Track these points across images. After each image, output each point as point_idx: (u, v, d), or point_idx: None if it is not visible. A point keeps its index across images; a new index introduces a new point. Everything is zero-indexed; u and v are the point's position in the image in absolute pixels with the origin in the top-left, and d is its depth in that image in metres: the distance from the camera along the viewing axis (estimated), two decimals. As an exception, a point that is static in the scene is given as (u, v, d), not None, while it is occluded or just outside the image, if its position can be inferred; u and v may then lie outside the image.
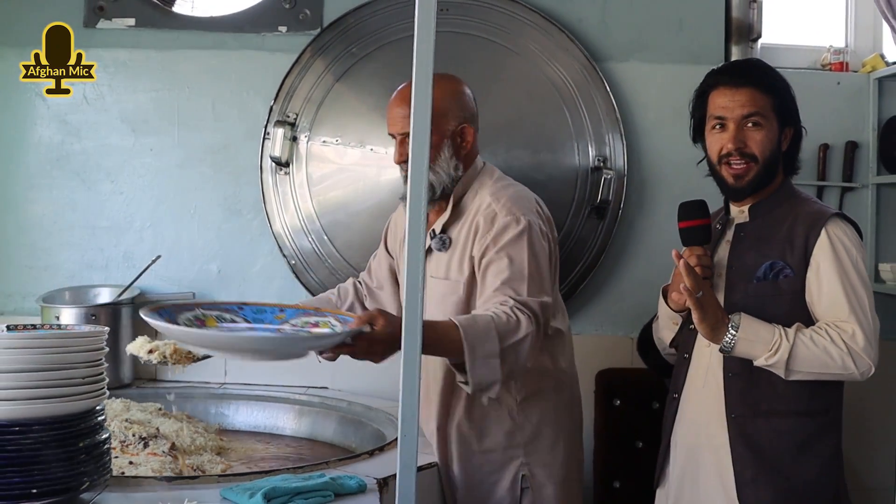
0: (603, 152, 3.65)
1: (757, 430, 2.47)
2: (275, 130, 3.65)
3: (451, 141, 2.67)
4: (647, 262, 3.71)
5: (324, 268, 3.70)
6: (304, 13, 3.73)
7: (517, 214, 2.60)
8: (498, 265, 2.55)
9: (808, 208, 2.54)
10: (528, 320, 2.45)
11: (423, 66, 1.61)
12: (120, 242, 3.78)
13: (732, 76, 2.58)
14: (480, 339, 2.37)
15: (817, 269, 2.44)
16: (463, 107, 2.70)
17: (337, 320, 2.36)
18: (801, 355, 2.36)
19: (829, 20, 3.99)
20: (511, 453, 2.69)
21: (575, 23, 3.71)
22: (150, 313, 2.21)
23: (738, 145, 2.51)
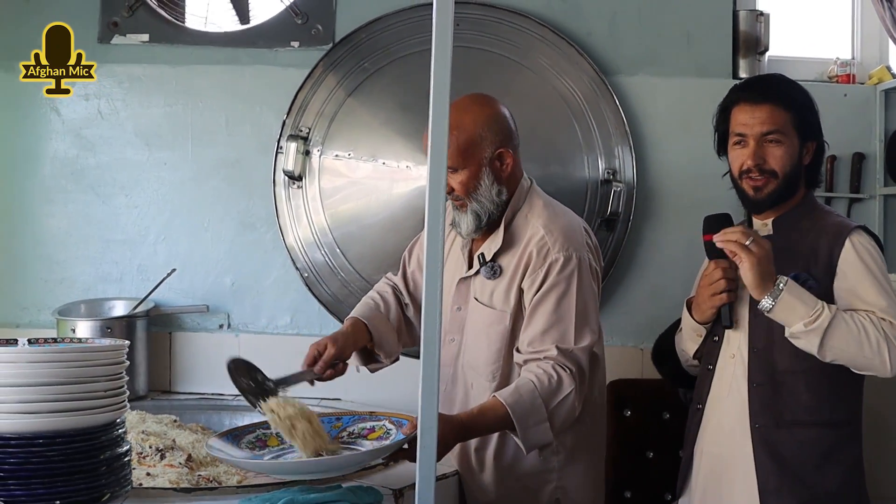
0: (612, 165, 3.68)
1: (780, 440, 2.49)
2: (287, 144, 3.69)
3: (490, 168, 2.62)
4: (656, 274, 3.74)
5: (336, 280, 3.73)
6: (317, 28, 3.77)
7: (570, 251, 2.60)
8: (546, 306, 2.57)
9: (831, 221, 2.57)
10: (570, 377, 2.50)
11: (441, 81, 1.64)
12: (134, 256, 3.82)
13: (753, 93, 2.60)
14: (527, 410, 2.43)
15: (845, 277, 2.46)
16: (498, 130, 2.64)
17: (391, 423, 2.41)
18: (840, 329, 2.34)
19: (835, 33, 4.02)
20: (546, 477, 2.71)
21: (584, 37, 3.75)
22: (215, 448, 2.30)
23: (757, 161, 2.54)
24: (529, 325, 2.59)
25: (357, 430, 2.46)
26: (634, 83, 3.77)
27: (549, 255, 2.59)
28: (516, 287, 2.63)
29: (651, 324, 3.63)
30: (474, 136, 2.59)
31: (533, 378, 2.48)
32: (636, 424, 3.63)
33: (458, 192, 2.63)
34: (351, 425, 2.48)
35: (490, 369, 2.66)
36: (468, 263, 2.75)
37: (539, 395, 2.45)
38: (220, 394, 3.69)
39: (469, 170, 2.60)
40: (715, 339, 2.64)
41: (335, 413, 2.61)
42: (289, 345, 3.77)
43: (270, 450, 2.38)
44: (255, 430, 2.45)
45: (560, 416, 2.49)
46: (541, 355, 2.53)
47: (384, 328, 2.82)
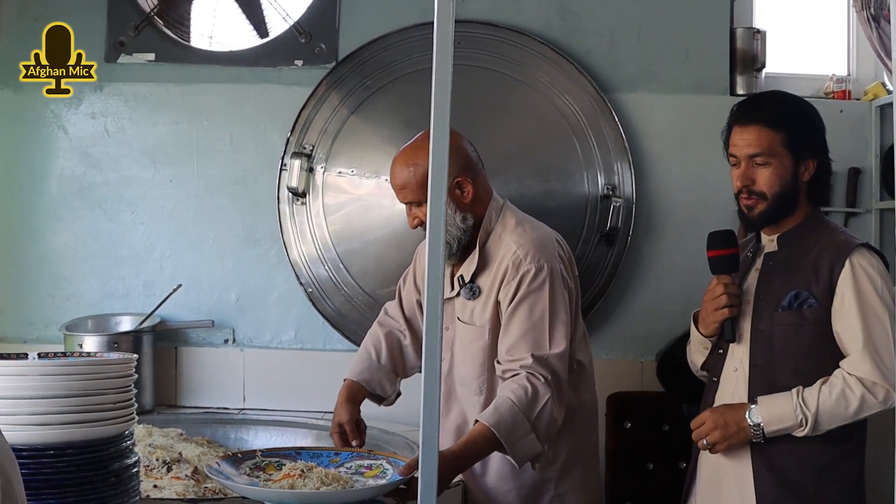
0: (612, 181, 3.73)
1: (779, 453, 2.52)
2: (291, 162, 3.74)
3: (451, 197, 2.69)
4: (656, 288, 3.78)
5: (340, 295, 3.78)
6: (320, 47, 3.83)
7: (542, 262, 2.68)
8: (519, 315, 2.66)
9: (835, 238, 2.58)
10: (545, 385, 2.57)
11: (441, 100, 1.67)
12: (140, 272, 3.86)
13: (742, 113, 2.63)
14: (511, 427, 2.52)
15: (842, 300, 2.48)
16: (454, 161, 2.64)
17: (388, 463, 2.50)
18: (825, 418, 2.43)
19: (831, 50, 4.07)
20: (544, 486, 2.79)
21: (584, 55, 3.80)
22: (213, 470, 2.37)
23: (745, 183, 2.58)
24: (506, 335, 2.68)
25: (354, 467, 2.52)
26: (633, 100, 3.82)
27: (522, 266, 2.68)
28: (493, 302, 2.72)
29: (650, 337, 3.69)
30: None
31: (510, 395, 2.56)
32: (636, 437, 3.67)
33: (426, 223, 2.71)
34: (349, 461, 2.55)
35: (476, 383, 2.76)
36: (451, 285, 2.84)
37: (520, 410, 2.54)
38: (226, 408, 3.75)
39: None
40: (720, 352, 2.68)
41: (333, 449, 2.68)
42: (293, 359, 3.83)
43: (268, 475, 2.44)
44: (253, 457, 2.53)
45: (543, 425, 2.56)
46: (517, 364, 2.61)
47: (377, 376, 2.96)
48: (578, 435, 2.84)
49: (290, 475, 2.35)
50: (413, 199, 2.72)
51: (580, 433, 2.85)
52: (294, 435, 3.40)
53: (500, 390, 2.63)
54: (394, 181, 2.77)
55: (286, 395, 3.72)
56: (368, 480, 2.43)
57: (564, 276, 2.73)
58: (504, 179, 3.66)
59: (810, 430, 2.43)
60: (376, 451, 2.66)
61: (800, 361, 2.48)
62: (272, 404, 3.72)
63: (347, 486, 2.33)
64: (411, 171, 2.70)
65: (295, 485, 2.30)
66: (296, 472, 2.36)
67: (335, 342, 3.83)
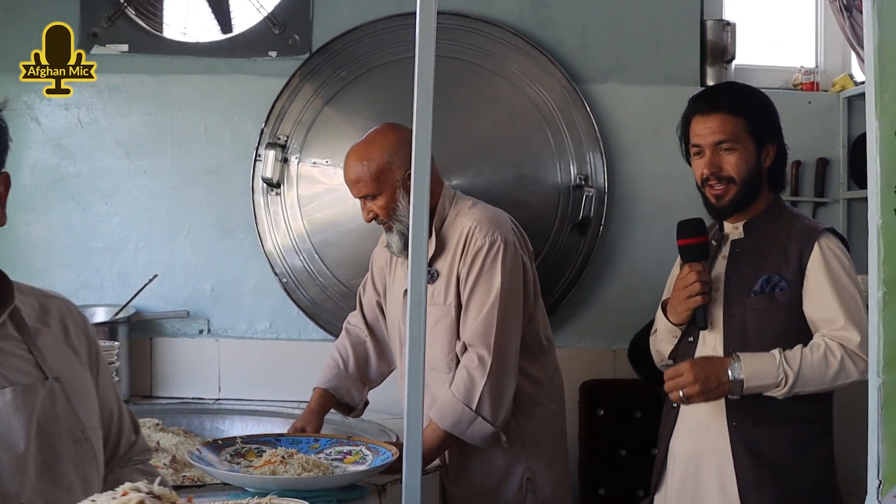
0: (584, 171, 3.76)
1: (757, 437, 2.56)
2: (266, 152, 3.75)
3: (404, 189, 2.77)
4: (627, 277, 3.82)
5: (315, 285, 3.80)
6: (294, 38, 3.84)
7: (495, 235, 2.78)
8: (477, 297, 2.76)
9: (801, 224, 2.65)
10: (480, 366, 2.71)
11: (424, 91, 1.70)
12: (115, 263, 3.86)
13: (704, 104, 2.68)
14: (455, 418, 2.69)
15: (813, 281, 2.54)
16: (405, 154, 2.73)
17: (368, 449, 2.53)
18: (804, 380, 2.46)
19: (800, 42, 4.13)
20: (516, 457, 2.86)
21: (556, 46, 3.83)
22: (195, 457, 2.39)
23: (713, 170, 2.62)
24: (467, 313, 2.78)
25: (334, 453, 2.55)
26: (605, 91, 3.85)
27: (476, 240, 2.77)
28: (454, 279, 2.80)
29: (623, 325, 3.73)
30: (383, 164, 2.78)
31: (451, 387, 2.71)
32: (609, 424, 3.71)
33: (381, 217, 2.82)
34: (328, 448, 2.58)
35: (445, 361, 2.81)
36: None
37: (459, 400, 2.68)
38: (201, 398, 3.76)
39: (385, 194, 2.79)
40: (690, 340, 2.71)
41: (312, 435, 2.72)
42: (268, 349, 3.84)
43: (248, 462, 2.46)
44: (234, 444, 2.54)
45: (488, 407, 2.69)
46: (463, 350, 2.75)
47: (346, 384, 3.05)
48: (548, 410, 2.93)
49: (271, 461, 2.37)
50: (367, 192, 2.80)
51: (549, 407, 2.94)
52: (270, 424, 3.41)
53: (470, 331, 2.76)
54: (347, 176, 2.83)
55: (261, 385, 3.74)
56: (348, 466, 2.45)
57: (518, 248, 2.82)
58: (477, 170, 3.69)
59: (787, 391, 2.46)
60: (356, 437, 2.69)
61: (773, 345, 2.51)
62: (247, 394, 3.74)
63: (328, 471, 2.36)
64: (365, 166, 2.78)
65: (276, 471, 2.32)
66: (276, 458, 2.37)
67: (310, 332, 3.85)
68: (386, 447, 2.52)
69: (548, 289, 3.71)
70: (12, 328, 1.70)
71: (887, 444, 1.49)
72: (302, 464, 2.34)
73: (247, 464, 2.44)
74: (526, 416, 2.87)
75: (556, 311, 3.76)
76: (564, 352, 3.19)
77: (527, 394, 2.87)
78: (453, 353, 2.80)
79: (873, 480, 1.51)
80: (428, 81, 1.69)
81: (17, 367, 1.67)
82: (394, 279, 2.99)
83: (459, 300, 2.80)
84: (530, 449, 2.88)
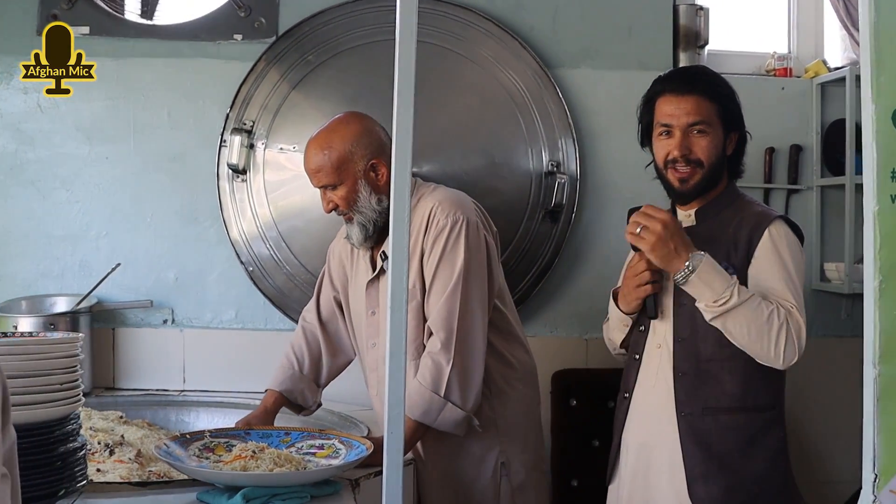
0: (556, 157, 3.72)
1: (705, 427, 2.53)
2: (231, 138, 3.67)
3: (366, 179, 2.75)
4: (600, 265, 3.78)
5: (282, 274, 3.72)
6: (260, 21, 3.75)
7: (458, 214, 2.73)
8: (440, 280, 2.72)
9: (753, 210, 2.62)
10: (443, 351, 2.66)
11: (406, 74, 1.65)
12: (76, 251, 3.77)
13: (678, 84, 2.63)
14: (424, 407, 2.65)
15: (760, 263, 2.51)
16: (367, 144, 2.76)
17: (340, 443, 2.49)
18: (744, 315, 2.41)
19: (773, 27, 4.10)
20: (490, 443, 2.82)
21: (527, 31, 3.78)
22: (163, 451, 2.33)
23: (683, 152, 2.58)
24: (430, 294, 2.74)
25: (306, 447, 2.49)
26: (577, 76, 3.81)
27: (438, 221, 2.73)
28: (417, 259, 2.75)
29: (595, 314, 3.65)
30: (344, 153, 2.74)
31: (417, 376, 2.66)
32: (581, 413, 3.68)
33: (341, 207, 2.79)
34: (300, 441, 2.52)
35: (413, 347, 2.76)
36: (372, 267, 2.86)
37: (427, 388, 2.64)
38: (165, 389, 3.68)
39: (346, 184, 2.76)
40: (641, 329, 2.69)
41: (283, 428, 2.65)
42: (234, 339, 3.77)
43: (218, 456, 2.39)
44: (202, 437, 2.48)
45: (455, 390, 2.65)
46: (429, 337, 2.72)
47: (299, 386, 3.00)
48: (520, 393, 2.90)
49: (242, 456, 2.30)
50: (327, 182, 2.76)
51: (521, 389, 2.90)
52: (236, 416, 3.32)
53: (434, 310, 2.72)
54: (308, 165, 2.79)
55: (227, 376, 3.66)
56: (321, 461, 2.40)
57: (481, 227, 2.78)
58: (448, 155, 3.63)
59: (718, 313, 2.41)
60: (328, 431, 2.64)
61: (721, 334, 2.47)
62: (213, 385, 3.66)
63: (300, 466, 2.30)
64: (326, 155, 2.73)
65: (247, 466, 2.26)
66: (247, 453, 2.31)
67: (276, 321, 3.78)
68: (359, 440, 2.47)
69: (519, 277, 3.67)
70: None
71: (884, 436, 1.45)
72: (273, 458, 2.28)
73: (216, 458, 2.37)
74: (499, 399, 2.84)
75: (528, 300, 3.72)
76: (536, 340, 3.15)
77: (499, 376, 2.84)
78: (421, 339, 2.76)
79: (868, 474, 1.47)
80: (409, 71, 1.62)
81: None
82: (356, 272, 2.94)
83: (424, 282, 2.75)
84: (504, 433, 2.84)
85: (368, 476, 2.45)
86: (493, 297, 2.82)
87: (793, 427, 2.70)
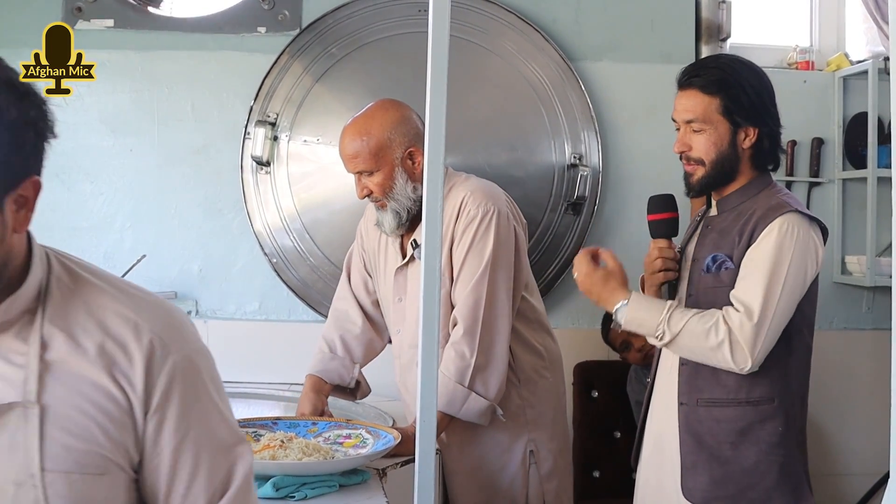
0: (578, 149, 3.73)
1: (699, 418, 2.51)
2: (255, 130, 3.69)
3: (402, 167, 2.73)
4: (622, 256, 3.65)
5: (305, 265, 3.74)
6: (283, 14, 3.77)
7: (489, 205, 2.73)
8: (470, 261, 2.71)
9: (770, 203, 2.49)
10: (467, 339, 2.67)
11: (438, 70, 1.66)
12: (101, 243, 3.79)
13: (682, 77, 2.58)
14: (449, 398, 2.64)
15: (750, 254, 2.43)
16: (405, 132, 2.75)
17: (368, 432, 2.51)
18: (684, 340, 2.41)
19: (795, 20, 4.10)
20: (519, 431, 2.83)
21: (550, 23, 3.79)
22: None
23: (682, 149, 2.54)
24: (458, 282, 2.74)
25: (333, 437, 2.51)
26: (599, 69, 3.82)
27: (469, 210, 2.73)
28: (447, 249, 2.74)
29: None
30: (383, 140, 2.72)
31: (442, 367, 2.64)
32: (603, 405, 3.69)
33: (376, 194, 2.76)
34: (327, 431, 2.54)
35: (442, 333, 2.68)
36: (402, 254, 2.85)
37: (451, 379, 2.64)
38: (190, 380, 3.69)
39: (383, 171, 2.73)
40: None
41: (310, 418, 2.66)
42: (257, 330, 3.79)
43: None
44: None
45: (480, 381, 2.66)
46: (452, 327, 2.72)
47: (331, 366, 2.96)
48: (549, 382, 2.91)
49: (270, 446, 2.32)
50: (364, 168, 2.74)
51: (549, 377, 2.91)
52: (261, 407, 3.37)
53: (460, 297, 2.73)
54: (344, 151, 2.76)
55: (251, 367, 3.67)
56: (348, 450, 2.42)
57: (511, 218, 2.78)
58: (472, 148, 3.65)
59: (663, 344, 2.44)
60: (354, 420, 2.65)
61: None
62: (237, 376, 3.66)
63: (328, 456, 2.32)
64: (364, 141, 2.71)
65: (276, 455, 2.27)
66: (276, 442, 2.33)
67: (300, 313, 3.80)
68: (387, 430, 2.48)
69: (541, 269, 3.68)
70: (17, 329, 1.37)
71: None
72: (302, 448, 2.30)
73: None
74: (528, 388, 2.84)
75: (551, 292, 3.73)
76: (558, 333, 3.14)
77: (528, 365, 2.85)
78: (447, 329, 2.75)
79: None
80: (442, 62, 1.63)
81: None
82: (386, 259, 2.94)
83: (452, 270, 2.75)
84: (532, 421, 2.85)
85: (395, 466, 2.46)
86: (520, 288, 2.82)
87: (812, 420, 2.67)
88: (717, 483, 2.49)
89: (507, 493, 2.84)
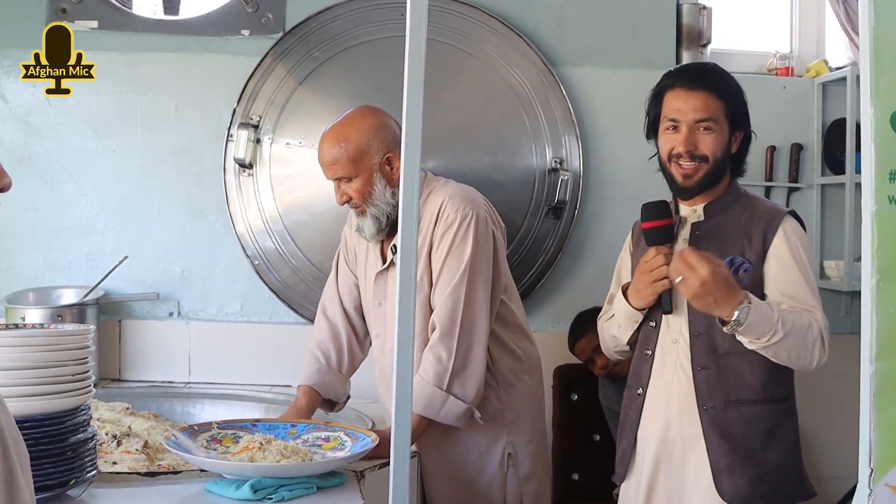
0: (559, 154, 3.75)
1: (729, 420, 2.54)
2: (238, 132, 3.70)
3: (381, 173, 2.76)
4: (602, 260, 3.79)
5: (287, 267, 3.76)
6: (267, 17, 3.79)
7: (467, 210, 2.76)
8: (449, 265, 2.74)
9: (763, 206, 2.65)
10: (444, 343, 2.69)
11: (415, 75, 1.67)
12: (83, 244, 3.80)
13: (688, 79, 2.63)
14: (427, 401, 2.66)
15: (778, 262, 2.54)
16: (383, 138, 2.77)
17: (346, 435, 2.52)
18: (785, 343, 2.43)
19: (775, 27, 4.13)
20: (497, 433, 2.86)
21: (532, 28, 3.81)
22: (171, 442, 2.35)
23: (689, 148, 2.58)
24: (436, 287, 2.76)
25: (312, 439, 2.52)
26: (581, 74, 3.84)
27: (448, 215, 2.76)
28: (425, 253, 2.77)
29: (597, 311, 3.71)
30: (361, 146, 2.75)
31: (420, 371, 2.68)
32: (583, 408, 3.71)
33: (355, 200, 2.79)
34: (306, 433, 2.55)
35: (420, 338, 2.76)
36: (382, 259, 2.87)
37: (429, 383, 2.67)
38: (171, 381, 3.72)
39: (362, 177, 2.76)
40: (652, 324, 2.67)
41: (289, 420, 2.67)
42: (239, 332, 3.80)
43: (225, 448, 2.42)
44: (210, 429, 2.51)
45: (458, 385, 2.69)
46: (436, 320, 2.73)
47: (328, 379, 2.98)
48: (527, 385, 2.93)
49: (249, 448, 2.33)
50: (343, 174, 2.76)
51: (527, 380, 2.94)
52: (241, 408, 3.39)
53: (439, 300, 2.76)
54: (323, 157, 2.79)
55: (232, 368, 3.70)
56: (327, 452, 2.43)
57: (490, 223, 2.81)
58: (452, 152, 3.67)
59: (763, 347, 2.44)
60: (333, 423, 2.67)
61: None
62: (218, 377, 3.69)
63: (307, 458, 2.33)
64: (342, 148, 2.74)
65: (254, 458, 2.29)
66: (254, 444, 2.34)
67: (281, 315, 3.81)
68: (365, 433, 2.50)
69: (522, 273, 3.71)
70: None
71: (880, 432, 1.48)
72: (280, 450, 2.31)
73: (223, 450, 2.41)
74: (506, 391, 2.87)
75: (531, 295, 3.75)
76: (538, 336, 3.17)
77: (507, 368, 2.88)
78: (427, 332, 2.77)
79: (864, 468, 1.51)
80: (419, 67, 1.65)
81: None
82: (367, 263, 2.96)
83: (431, 275, 2.78)
84: (511, 424, 2.88)
85: (373, 468, 2.47)
86: (498, 293, 2.84)
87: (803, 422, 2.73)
88: (755, 482, 2.53)
89: (486, 495, 2.86)
